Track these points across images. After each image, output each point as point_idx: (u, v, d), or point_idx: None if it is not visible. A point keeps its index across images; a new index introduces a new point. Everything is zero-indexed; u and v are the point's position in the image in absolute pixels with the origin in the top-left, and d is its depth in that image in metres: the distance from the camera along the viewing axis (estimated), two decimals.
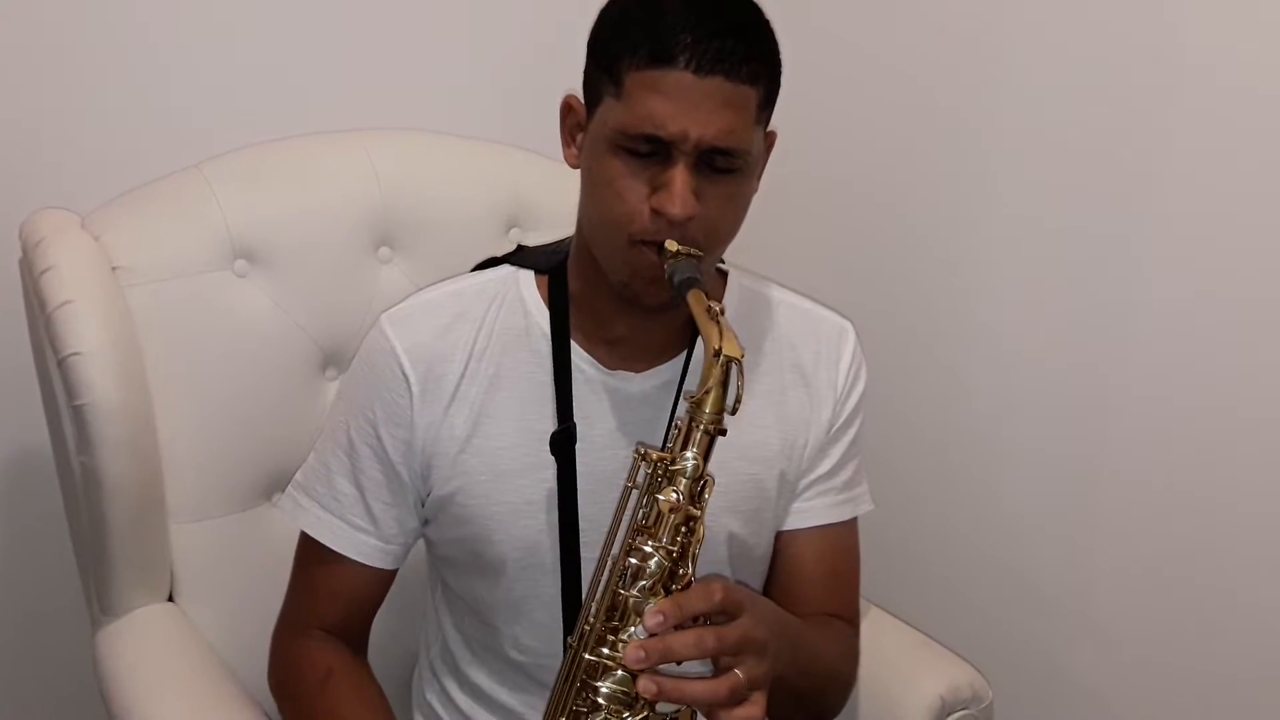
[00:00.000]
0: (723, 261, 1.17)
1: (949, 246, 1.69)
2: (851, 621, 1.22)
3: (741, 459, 1.12)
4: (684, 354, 1.12)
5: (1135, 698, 1.54)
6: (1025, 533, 1.64)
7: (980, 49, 1.60)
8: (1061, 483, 1.59)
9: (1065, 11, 1.48)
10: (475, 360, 1.10)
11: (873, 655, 1.24)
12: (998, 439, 1.66)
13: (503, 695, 1.17)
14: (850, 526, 1.22)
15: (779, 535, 1.20)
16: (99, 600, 1.28)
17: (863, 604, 1.27)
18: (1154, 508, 1.48)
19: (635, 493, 0.98)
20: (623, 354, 1.11)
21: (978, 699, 1.28)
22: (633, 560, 0.95)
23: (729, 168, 0.99)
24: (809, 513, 1.20)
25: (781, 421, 1.16)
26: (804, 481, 1.19)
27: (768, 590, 1.23)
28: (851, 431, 1.21)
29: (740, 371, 0.94)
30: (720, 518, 1.12)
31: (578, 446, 1.09)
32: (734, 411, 0.95)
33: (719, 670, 0.90)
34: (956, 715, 1.26)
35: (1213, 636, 1.44)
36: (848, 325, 1.22)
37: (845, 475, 1.21)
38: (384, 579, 1.16)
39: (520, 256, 1.17)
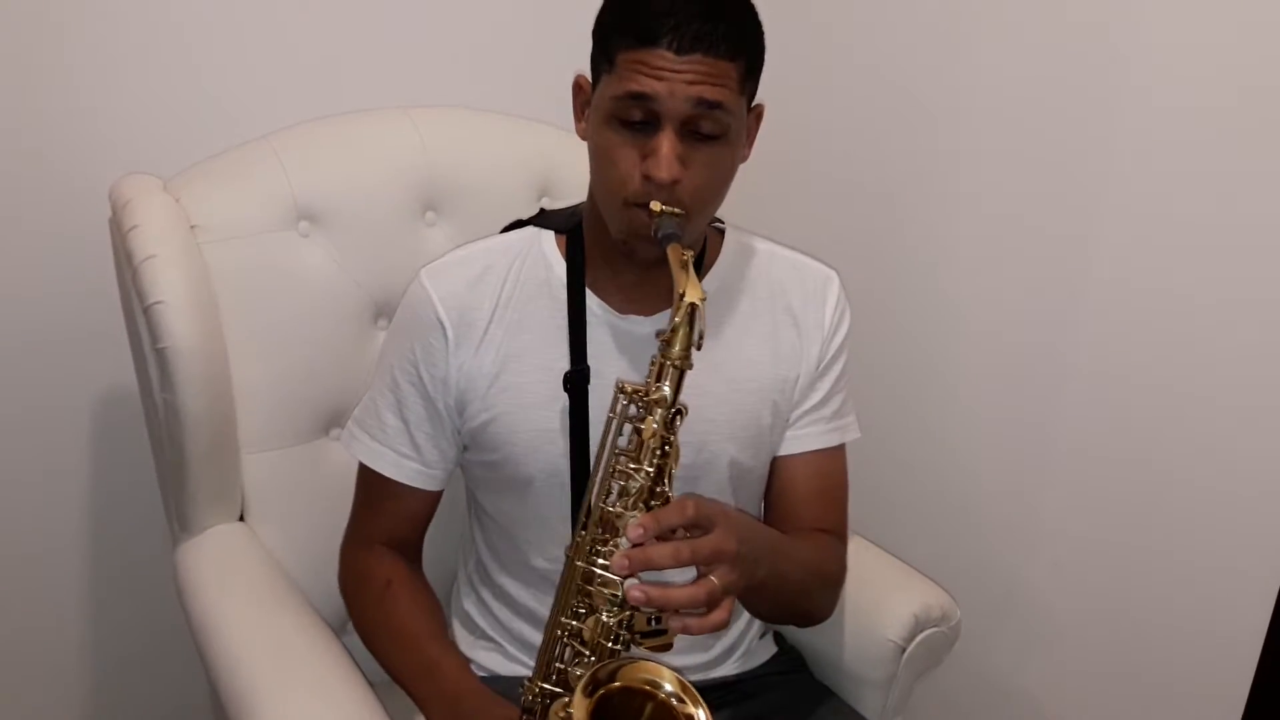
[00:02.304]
0: (720, 221, 1.25)
1: (922, 228, 1.76)
2: (841, 536, 1.30)
3: (740, 392, 1.21)
4: None
5: (1081, 613, 1.63)
6: (987, 472, 1.73)
7: (956, 50, 1.66)
8: (1018, 429, 1.67)
9: (1034, 16, 1.55)
10: (502, 308, 1.19)
11: (854, 579, 1.31)
12: (964, 391, 1.74)
13: (529, 601, 1.26)
14: (839, 452, 1.30)
15: (775, 460, 1.28)
16: (179, 520, 1.37)
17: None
18: (1098, 448, 1.57)
19: (616, 422, 1.05)
20: (632, 299, 1.19)
21: (947, 618, 1.36)
22: (619, 481, 1.03)
23: (712, 134, 1.05)
24: (801, 439, 1.28)
25: (775, 358, 1.24)
26: (796, 413, 1.27)
27: (766, 510, 1.30)
28: (838, 367, 1.28)
29: (703, 313, 1.00)
30: (722, 444, 1.20)
31: (592, 383, 1.17)
32: (699, 348, 1.01)
33: (699, 578, 0.97)
34: (928, 632, 1.35)
35: (1148, 560, 1.53)
36: (832, 273, 1.29)
37: (833, 406, 1.29)
38: (430, 499, 1.25)
39: (542, 218, 1.26)
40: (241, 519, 1.39)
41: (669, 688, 0.99)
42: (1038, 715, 1.72)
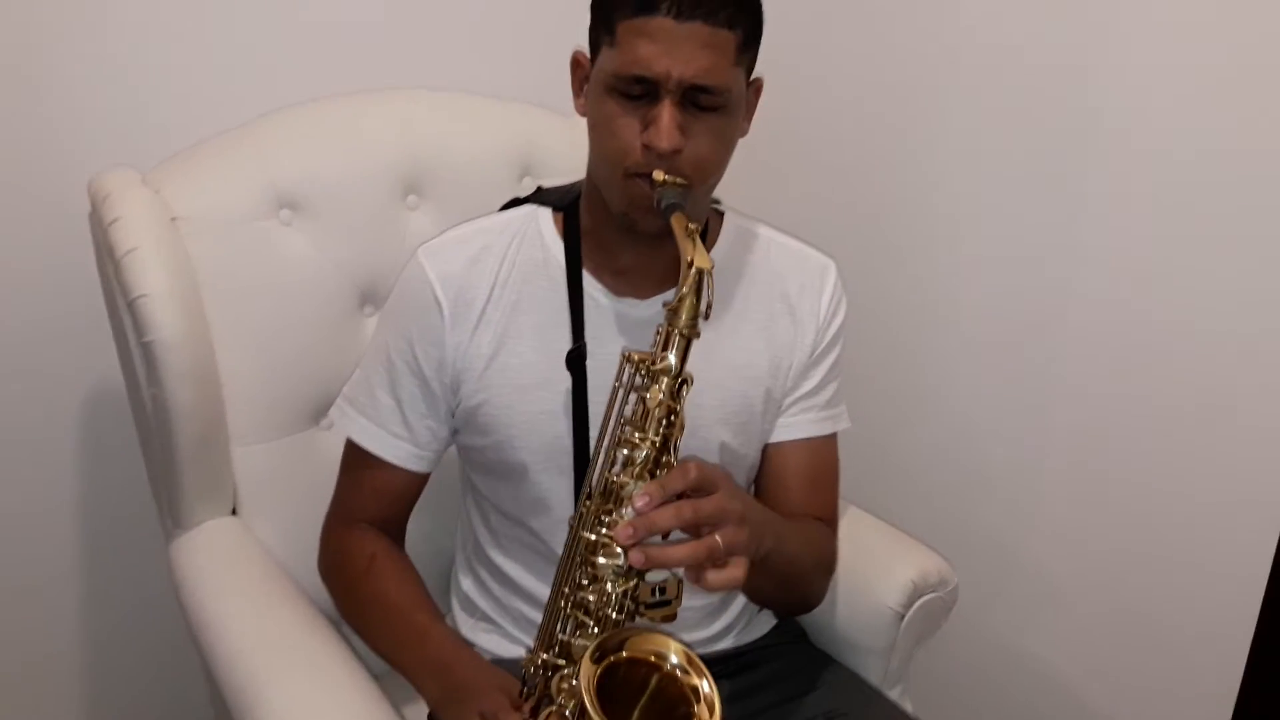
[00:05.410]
0: (719, 203, 1.25)
1: (920, 177, 1.77)
2: (832, 524, 1.30)
3: (733, 377, 1.21)
4: None
5: (1079, 579, 1.64)
6: (984, 439, 1.74)
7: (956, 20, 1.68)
8: (1016, 395, 1.68)
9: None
10: (499, 288, 1.18)
11: (852, 546, 1.32)
12: (961, 357, 1.75)
13: (529, 581, 1.25)
14: (831, 440, 1.31)
15: (767, 447, 1.28)
16: (171, 515, 1.36)
17: (843, 503, 1.35)
18: (1096, 413, 1.58)
19: (622, 391, 1.05)
20: (628, 282, 1.19)
21: (944, 583, 1.36)
22: (623, 451, 1.03)
23: (712, 105, 1.05)
24: (794, 427, 1.28)
25: (770, 345, 1.24)
26: (789, 400, 1.27)
27: (757, 496, 1.30)
28: (832, 356, 1.28)
29: (710, 281, 1.01)
30: (713, 428, 1.20)
31: (588, 364, 1.17)
32: (707, 317, 1.01)
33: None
34: (926, 598, 1.35)
35: (1145, 524, 1.55)
36: (830, 263, 1.29)
37: (826, 395, 1.29)
38: (419, 480, 1.25)
39: (539, 196, 1.25)
40: (234, 513, 1.39)
41: (675, 659, 0.99)
42: (1040, 681, 1.73)
